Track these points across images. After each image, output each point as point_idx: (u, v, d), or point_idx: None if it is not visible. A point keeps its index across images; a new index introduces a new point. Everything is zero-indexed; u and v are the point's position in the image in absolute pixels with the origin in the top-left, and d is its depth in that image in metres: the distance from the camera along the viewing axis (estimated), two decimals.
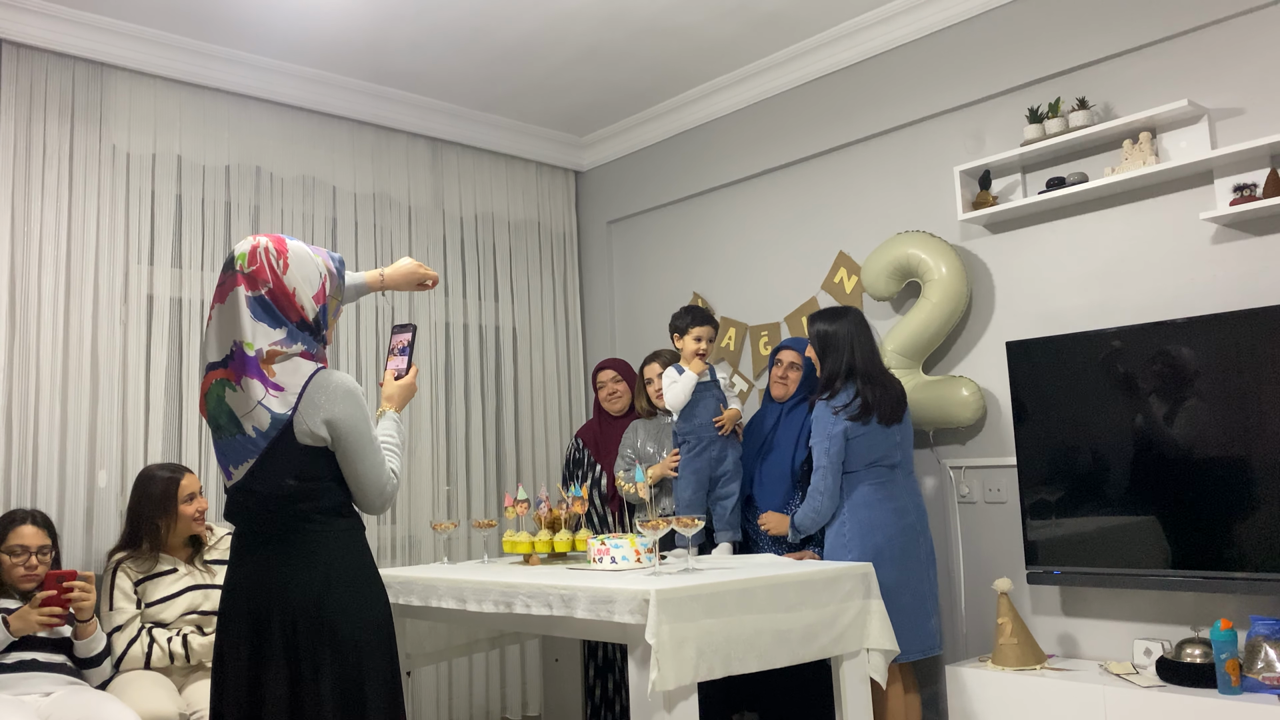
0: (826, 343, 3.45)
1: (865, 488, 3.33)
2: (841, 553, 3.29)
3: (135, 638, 3.25)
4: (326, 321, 2.29)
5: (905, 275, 3.81)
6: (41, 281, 3.66)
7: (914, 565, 3.33)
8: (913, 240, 3.78)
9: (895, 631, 3.26)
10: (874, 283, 3.88)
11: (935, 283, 3.68)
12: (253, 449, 2.16)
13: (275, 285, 2.19)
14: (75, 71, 3.83)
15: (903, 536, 3.32)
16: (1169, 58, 3.34)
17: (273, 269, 2.20)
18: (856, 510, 3.31)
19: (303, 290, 2.22)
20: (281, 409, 2.14)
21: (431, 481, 4.64)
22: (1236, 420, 2.98)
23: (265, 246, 2.21)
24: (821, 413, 3.37)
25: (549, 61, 4.38)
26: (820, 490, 3.33)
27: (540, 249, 5.27)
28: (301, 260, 2.24)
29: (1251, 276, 3.14)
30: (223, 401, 2.18)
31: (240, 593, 2.21)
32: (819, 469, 3.35)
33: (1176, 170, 3.22)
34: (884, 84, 4.10)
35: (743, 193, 4.70)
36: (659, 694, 2.45)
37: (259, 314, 2.17)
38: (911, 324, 3.74)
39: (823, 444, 3.34)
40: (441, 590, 3.09)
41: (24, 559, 3.11)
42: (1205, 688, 2.87)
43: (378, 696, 2.18)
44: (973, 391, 3.65)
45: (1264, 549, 2.91)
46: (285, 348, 2.18)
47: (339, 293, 2.33)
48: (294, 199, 4.37)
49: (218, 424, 2.21)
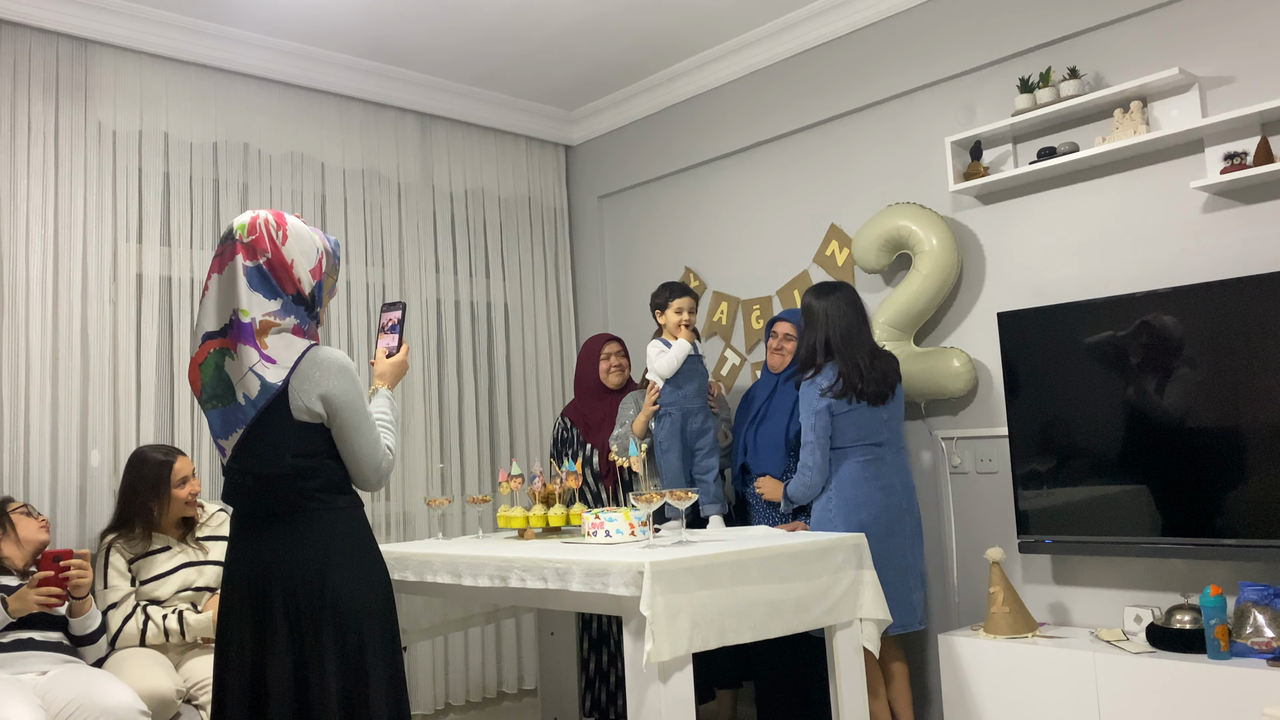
0: (806, 318, 3.47)
1: (851, 464, 3.35)
2: (827, 527, 3.33)
3: (130, 615, 3.25)
4: (321, 299, 2.30)
5: (896, 248, 3.81)
6: (30, 261, 3.64)
7: (898, 542, 3.37)
8: (903, 212, 3.77)
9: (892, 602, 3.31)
10: (865, 255, 3.88)
11: (925, 254, 3.68)
12: (242, 418, 2.17)
13: (274, 255, 2.20)
14: (59, 48, 3.79)
15: (888, 514, 3.35)
16: (1159, 26, 3.33)
17: (272, 239, 2.21)
18: (843, 487, 3.34)
19: (300, 263, 2.23)
20: (273, 379, 2.15)
21: (425, 458, 4.65)
22: (1227, 388, 3.00)
23: (265, 219, 2.23)
24: (806, 391, 3.40)
25: (538, 35, 4.35)
26: (808, 466, 3.36)
27: (531, 224, 5.25)
28: (300, 235, 2.25)
29: (1242, 245, 3.15)
30: (221, 370, 2.19)
31: (241, 571, 2.22)
32: (806, 444, 3.38)
33: (1167, 139, 3.21)
34: (875, 55, 4.08)
35: (734, 166, 4.69)
36: (654, 665, 2.47)
37: (256, 283, 2.18)
38: (902, 296, 3.74)
39: (808, 420, 3.37)
40: (437, 565, 3.10)
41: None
42: (1195, 653, 2.90)
43: (379, 671, 2.20)
44: (964, 363, 3.66)
45: (1253, 516, 2.93)
46: (279, 319, 2.19)
47: (334, 272, 2.35)
48: (283, 176, 4.35)
49: (214, 394, 2.21)
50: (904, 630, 3.37)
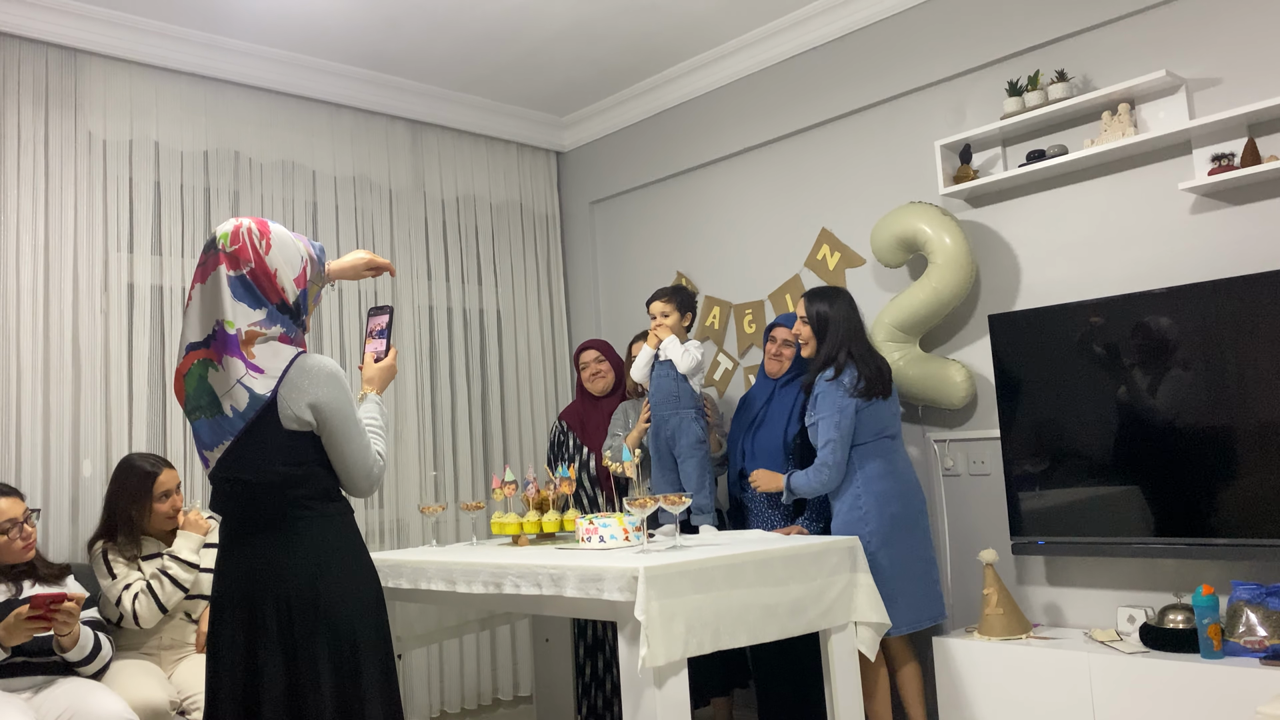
0: (825, 323, 3.47)
1: (876, 461, 3.37)
2: (858, 526, 3.30)
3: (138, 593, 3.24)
4: (306, 307, 2.29)
5: (911, 249, 3.72)
6: (20, 271, 3.63)
7: (921, 533, 3.40)
8: (921, 214, 3.66)
9: (913, 600, 3.31)
10: (881, 250, 3.78)
11: (939, 266, 3.60)
12: (229, 430, 2.16)
13: (257, 265, 2.19)
14: (49, 57, 3.79)
15: (914, 504, 3.39)
16: (1146, 29, 3.35)
17: (255, 249, 2.19)
18: (871, 483, 3.34)
19: (284, 272, 2.22)
20: (261, 390, 2.14)
21: (418, 465, 4.64)
22: (1217, 388, 3.01)
23: (248, 227, 2.21)
24: (830, 390, 3.37)
25: (528, 40, 4.36)
26: (829, 464, 3.33)
27: (523, 230, 5.26)
28: (283, 243, 2.24)
29: (1230, 245, 3.17)
30: (204, 381, 2.17)
31: (233, 581, 2.21)
32: (829, 443, 3.33)
33: (1155, 141, 3.23)
34: (864, 59, 4.10)
35: (725, 171, 4.70)
36: (649, 670, 2.47)
37: (240, 293, 2.17)
38: (911, 301, 3.67)
39: (833, 418, 3.34)
40: (431, 572, 3.09)
41: (16, 531, 3.05)
42: (1188, 653, 2.91)
43: (373, 679, 2.19)
44: (965, 377, 3.64)
45: (1245, 515, 2.94)
46: (265, 329, 2.17)
47: (319, 279, 2.33)
48: (273, 184, 4.34)
49: (198, 405, 2.20)
50: (936, 621, 3.39)
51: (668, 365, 3.70)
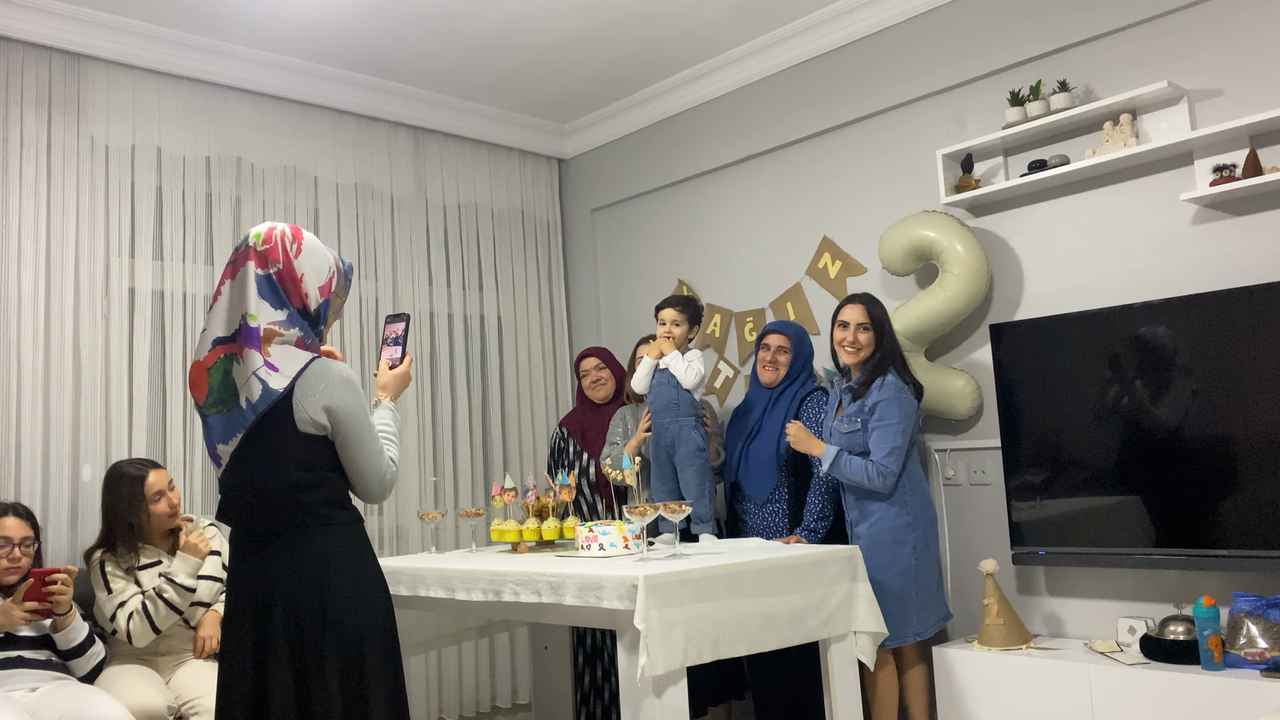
0: (885, 325, 3.46)
1: (915, 468, 3.41)
2: (905, 531, 3.31)
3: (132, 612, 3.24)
4: (326, 318, 2.32)
5: (922, 257, 3.71)
6: (21, 275, 3.63)
7: (935, 538, 3.45)
8: (934, 223, 3.65)
9: (929, 602, 3.33)
10: (890, 258, 3.76)
11: (953, 276, 3.58)
12: (242, 422, 2.17)
13: (285, 267, 2.23)
14: (52, 62, 3.80)
15: (933, 511, 3.45)
16: (1149, 39, 3.35)
17: (285, 251, 2.24)
18: (916, 485, 3.39)
19: (310, 278, 2.26)
20: (275, 385, 2.15)
21: (418, 472, 4.64)
22: (1218, 399, 3.01)
23: (282, 230, 2.26)
24: (900, 396, 3.32)
25: (531, 48, 4.36)
26: (892, 471, 3.28)
27: (524, 237, 5.26)
28: (314, 251, 2.28)
29: (1232, 256, 3.16)
30: (229, 376, 2.19)
31: (245, 590, 2.22)
32: (895, 450, 3.29)
33: (1157, 151, 3.23)
34: (866, 69, 4.10)
35: (726, 179, 4.70)
36: (648, 679, 2.47)
37: (264, 292, 2.21)
38: (921, 309, 3.65)
39: (902, 424, 3.29)
40: (430, 579, 3.09)
41: (7, 551, 3.10)
42: (1188, 664, 2.90)
43: (380, 688, 2.19)
44: (973, 388, 3.64)
45: (1246, 526, 2.94)
46: (283, 330, 2.20)
47: (344, 293, 2.38)
48: (275, 190, 4.35)
49: (219, 398, 2.21)
50: (948, 620, 3.43)
51: (667, 373, 3.68)
